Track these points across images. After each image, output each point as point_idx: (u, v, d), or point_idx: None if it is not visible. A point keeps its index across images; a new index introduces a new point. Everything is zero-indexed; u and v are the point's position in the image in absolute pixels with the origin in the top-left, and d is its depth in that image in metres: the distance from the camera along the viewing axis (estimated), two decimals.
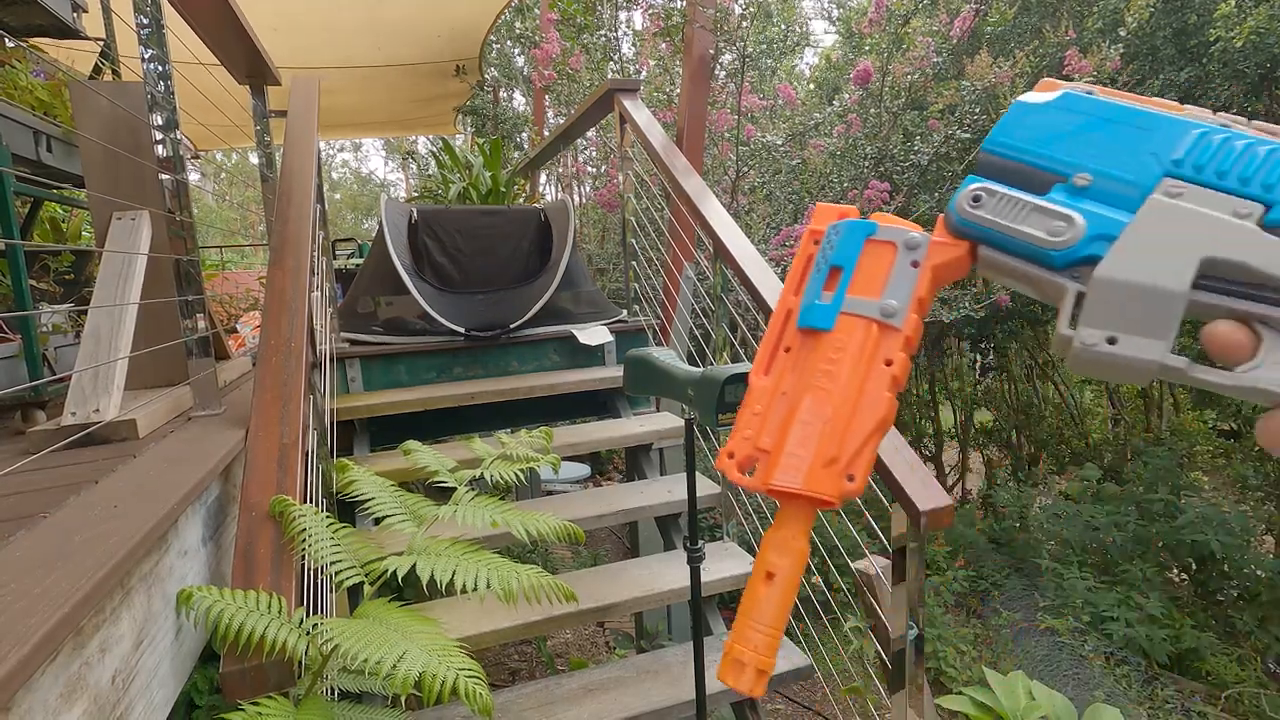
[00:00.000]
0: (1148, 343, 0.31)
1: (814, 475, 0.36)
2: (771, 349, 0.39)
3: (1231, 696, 3.11)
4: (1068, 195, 0.34)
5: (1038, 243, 0.34)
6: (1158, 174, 0.33)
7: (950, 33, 4.10)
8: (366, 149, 26.13)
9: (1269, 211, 0.31)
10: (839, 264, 0.38)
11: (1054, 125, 0.35)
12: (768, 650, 0.35)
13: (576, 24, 5.00)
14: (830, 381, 0.37)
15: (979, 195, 0.35)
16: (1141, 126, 0.34)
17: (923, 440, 6.00)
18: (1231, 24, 3.51)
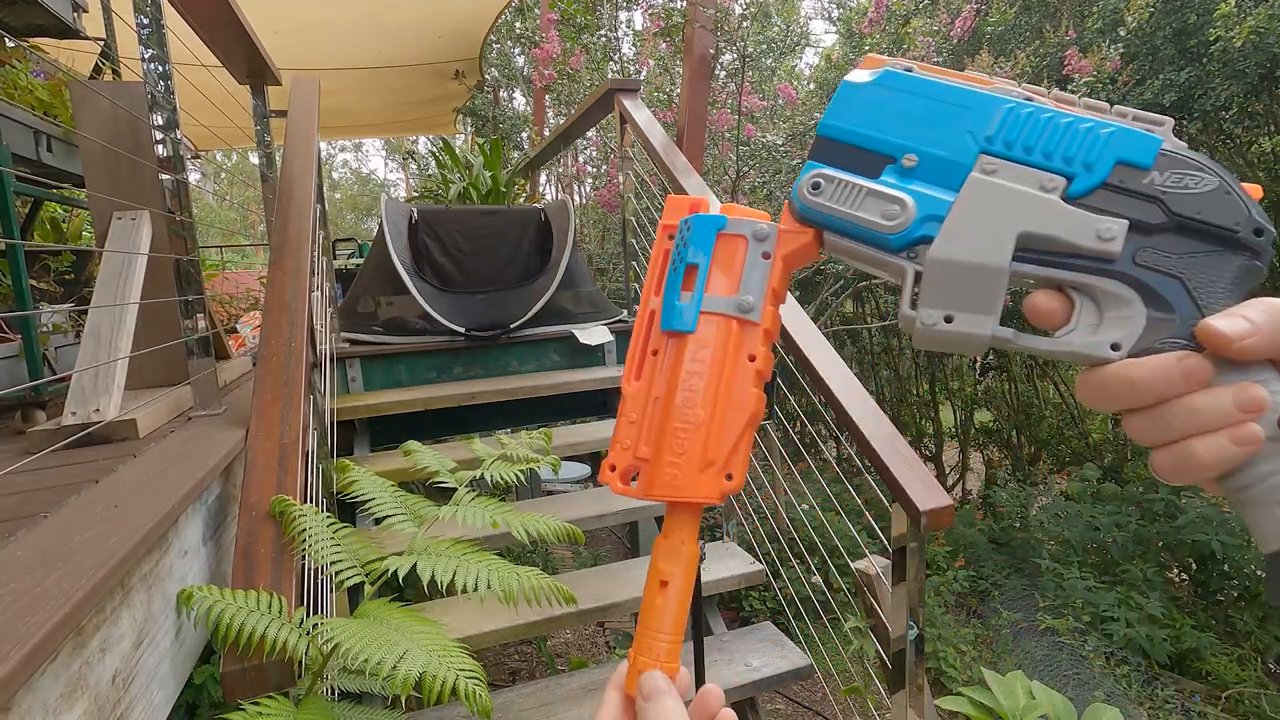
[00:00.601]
0: (978, 318, 0.33)
1: (694, 480, 0.36)
2: (640, 353, 0.39)
3: (1232, 696, 3.10)
4: (898, 176, 0.35)
5: (875, 227, 0.35)
6: (975, 151, 0.34)
7: (951, 32, 4.10)
8: (367, 149, 26.14)
9: (1070, 184, 0.33)
10: (694, 262, 0.38)
11: (879, 105, 0.36)
12: (670, 656, 0.36)
13: (576, 24, 5.00)
14: (698, 382, 0.36)
15: (818, 182, 0.36)
16: (957, 104, 0.35)
17: (923, 440, 6.00)
18: (1231, 24, 3.51)
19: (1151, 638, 3.29)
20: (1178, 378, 0.30)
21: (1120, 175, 0.32)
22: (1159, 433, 0.31)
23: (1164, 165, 0.32)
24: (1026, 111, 0.34)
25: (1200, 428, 0.30)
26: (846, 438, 4.08)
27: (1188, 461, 0.30)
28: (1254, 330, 0.29)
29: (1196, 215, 0.32)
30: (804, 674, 1.91)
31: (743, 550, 2.27)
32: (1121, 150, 0.32)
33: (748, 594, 3.53)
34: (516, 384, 2.67)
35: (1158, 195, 0.32)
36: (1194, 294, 0.31)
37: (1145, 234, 0.32)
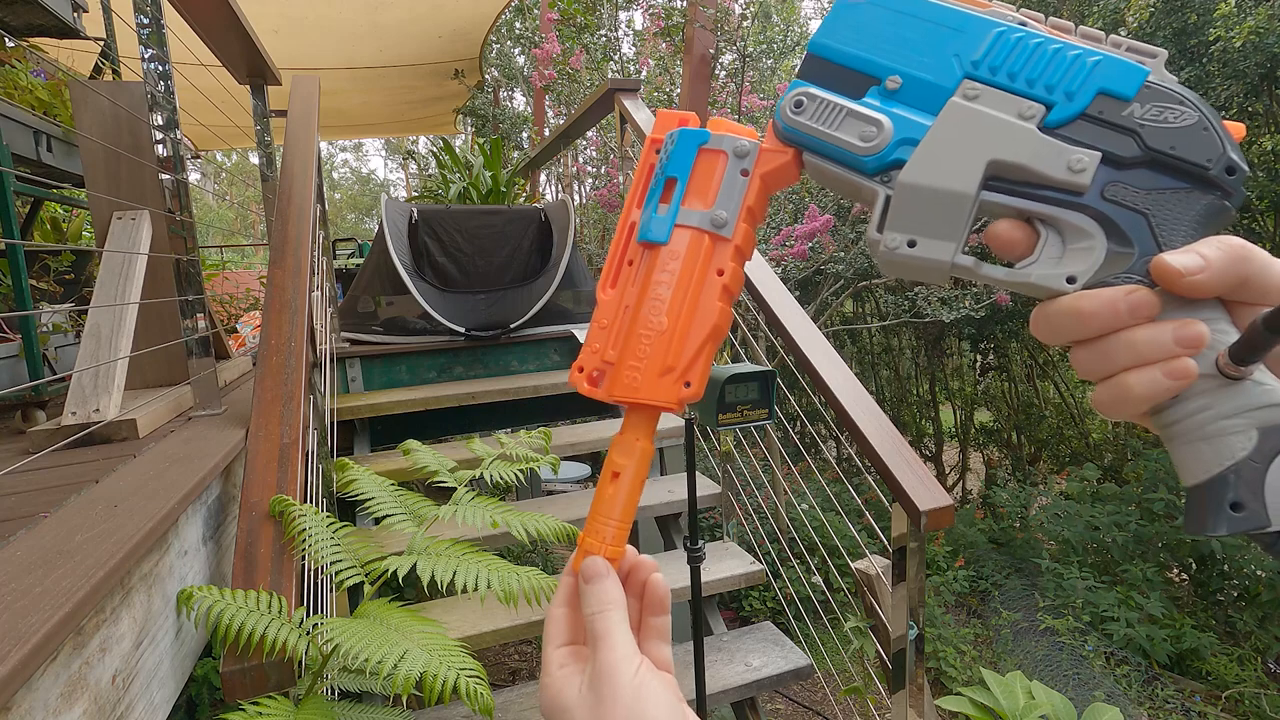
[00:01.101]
0: (940, 244, 0.33)
1: (652, 384, 0.37)
2: (617, 263, 0.39)
3: (1231, 696, 3.10)
4: (880, 98, 0.35)
5: (852, 149, 0.34)
6: (959, 75, 0.33)
7: None
8: (367, 149, 26.16)
9: (1049, 112, 0.32)
10: (674, 174, 0.38)
11: (871, 24, 0.35)
12: (617, 541, 0.37)
13: (576, 24, 5.00)
14: (665, 292, 0.37)
15: (801, 101, 0.35)
16: (950, 25, 0.34)
17: (923, 440, 6.00)
18: (1231, 24, 3.51)
19: (1151, 638, 3.30)
20: (1123, 311, 0.30)
21: (1101, 106, 0.32)
22: (1100, 365, 0.31)
23: (1146, 97, 0.32)
24: (1016, 36, 0.33)
25: (1138, 360, 0.30)
26: (846, 438, 4.08)
27: (1123, 393, 0.30)
28: (1204, 266, 0.29)
29: (1170, 150, 0.31)
30: (804, 674, 1.91)
31: (743, 550, 2.27)
32: (1105, 80, 0.32)
33: (748, 594, 3.53)
34: (516, 384, 2.67)
35: (1135, 128, 0.31)
36: (1156, 231, 0.31)
37: (1117, 167, 0.32)
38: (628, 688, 0.33)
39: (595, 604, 0.36)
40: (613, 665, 0.34)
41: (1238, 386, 0.29)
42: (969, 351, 6.02)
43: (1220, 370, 0.29)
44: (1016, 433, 5.75)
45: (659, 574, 0.40)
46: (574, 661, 0.36)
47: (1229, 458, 0.29)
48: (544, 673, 0.37)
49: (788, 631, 2.19)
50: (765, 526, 3.31)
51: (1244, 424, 0.29)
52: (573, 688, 0.35)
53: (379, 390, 2.76)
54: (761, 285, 2.08)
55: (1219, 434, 0.29)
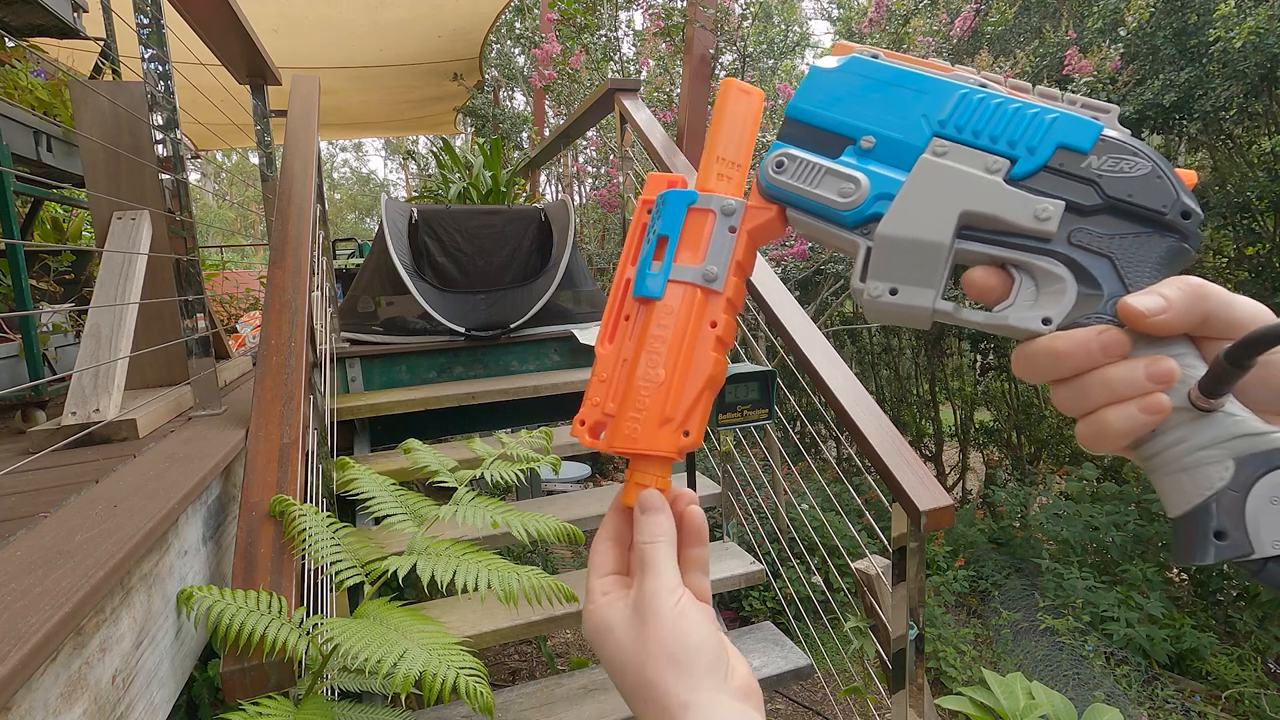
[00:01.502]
0: (921, 291, 0.35)
1: (651, 435, 0.38)
2: (614, 318, 0.41)
3: (1231, 696, 3.10)
4: (856, 157, 0.37)
5: (831, 204, 0.37)
6: (928, 134, 0.36)
7: (951, 32, 4.10)
8: (367, 149, 26.16)
9: (1014, 166, 0.35)
10: (665, 233, 0.40)
11: (844, 89, 0.38)
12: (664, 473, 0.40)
13: (576, 24, 5.00)
14: (662, 346, 0.39)
15: (782, 161, 0.38)
16: (915, 89, 0.37)
17: (923, 440, 6.00)
18: (1231, 24, 3.51)
19: (1151, 638, 3.29)
20: (1096, 350, 0.32)
21: (1060, 159, 0.34)
22: (1079, 402, 0.33)
23: (1102, 150, 0.34)
24: (979, 97, 0.36)
25: (1114, 397, 0.31)
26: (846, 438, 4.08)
27: (1102, 429, 0.32)
28: (1167, 306, 0.31)
29: (1128, 198, 0.33)
30: (804, 674, 1.91)
31: (743, 550, 2.27)
32: (1063, 135, 0.34)
33: (748, 594, 3.53)
34: (517, 384, 2.67)
35: (1094, 178, 0.34)
36: (1122, 272, 0.33)
37: (1081, 215, 0.34)
38: (671, 612, 0.35)
39: (648, 534, 0.38)
40: (657, 591, 0.36)
41: (1211, 418, 0.30)
42: (969, 351, 6.02)
43: (1193, 403, 0.31)
44: (1016, 433, 5.75)
45: (696, 505, 0.41)
46: (617, 589, 0.38)
47: (1208, 488, 0.30)
48: (587, 599, 0.39)
49: (788, 631, 2.19)
50: (765, 526, 3.31)
51: (1220, 454, 0.30)
52: (617, 611, 0.37)
53: (379, 390, 2.76)
54: (761, 285, 2.08)
55: (1196, 465, 0.31)
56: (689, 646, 0.34)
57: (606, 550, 0.40)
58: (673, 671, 0.33)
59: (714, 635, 0.35)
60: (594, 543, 0.41)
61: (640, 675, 0.34)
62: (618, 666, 0.35)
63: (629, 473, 0.40)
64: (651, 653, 0.34)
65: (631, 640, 0.35)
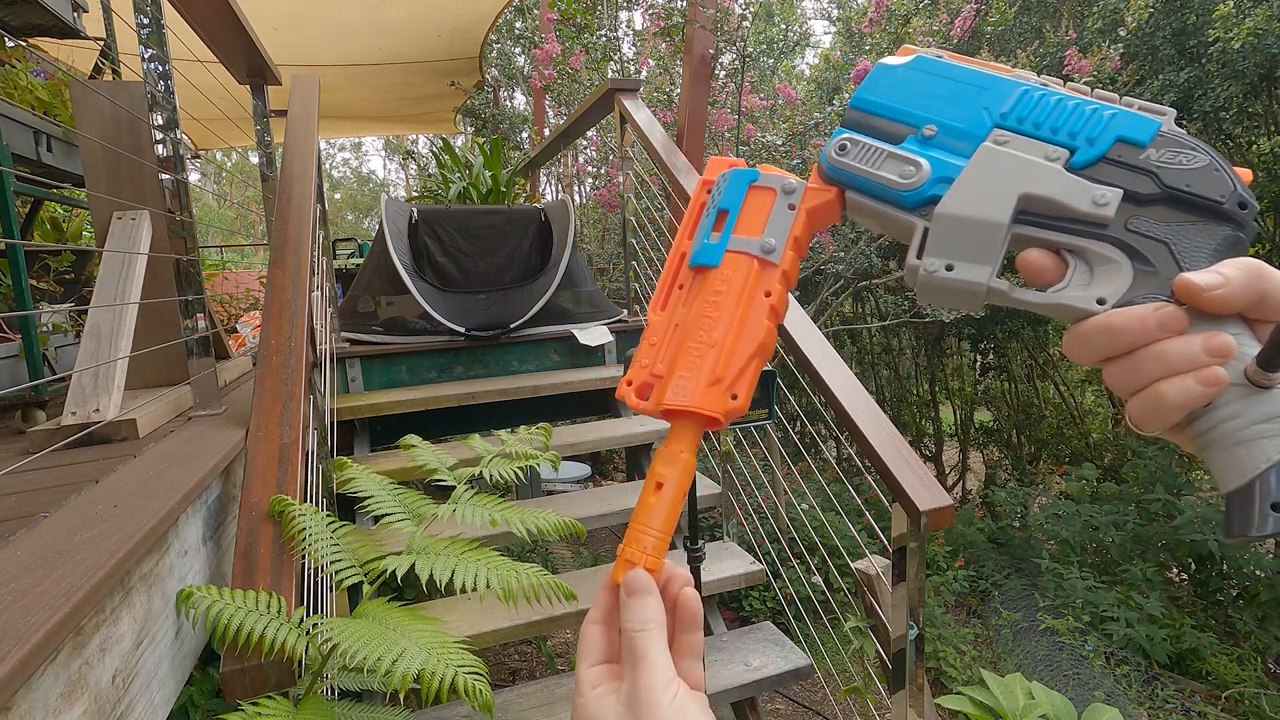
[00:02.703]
0: (977, 268, 0.36)
1: (701, 394, 0.39)
2: (668, 287, 0.42)
3: (1231, 696, 3.10)
4: (918, 144, 0.38)
5: (891, 184, 0.38)
6: (989, 125, 0.37)
7: (951, 32, 4.10)
8: (366, 148, 26.16)
9: (1073, 155, 0.36)
10: (726, 207, 0.41)
11: (908, 84, 0.40)
12: (656, 552, 0.38)
13: (576, 24, 5.00)
14: (716, 310, 0.40)
15: (845, 145, 0.39)
16: (978, 85, 0.38)
17: (923, 440, 6.00)
18: (1230, 25, 3.51)
19: (1151, 638, 3.29)
20: (1153, 325, 0.32)
21: (1119, 151, 0.35)
22: (1133, 378, 0.33)
23: (1160, 144, 0.35)
24: (1039, 93, 0.37)
25: (1169, 371, 0.31)
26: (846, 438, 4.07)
27: (1157, 403, 0.32)
28: (1225, 282, 0.31)
29: (1186, 188, 0.34)
30: (804, 674, 1.91)
31: (743, 550, 2.27)
32: (1122, 129, 0.35)
33: (748, 594, 3.53)
34: (517, 384, 2.67)
35: (1152, 169, 0.34)
36: (1178, 257, 0.33)
37: (1138, 204, 0.35)
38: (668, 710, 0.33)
39: (636, 621, 0.36)
40: (651, 689, 0.34)
41: (1267, 394, 0.31)
42: (969, 351, 6.02)
43: (1249, 379, 0.31)
44: (1016, 432, 5.75)
45: (691, 588, 0.39)
46: (608, 680, 0.37)
47: (1265, 460, 0.30)
48: (577, 693, 0.37)
49: (788, 631, 2.19)
50: (765, 526, 3.31)
51: (1277, 428, 0.30)
52: (608, 707, 0.35)
53: (379, 390, 2.76)
54: None
55: (1253, 439, 0.31)
56: None
57: (596, 635, 0.39)
58: None
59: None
60: (583, 626, 0.39)
61: None
62: None
63: (621, 548, 0.39)
64: None
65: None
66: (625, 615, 0.37)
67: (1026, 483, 5.14)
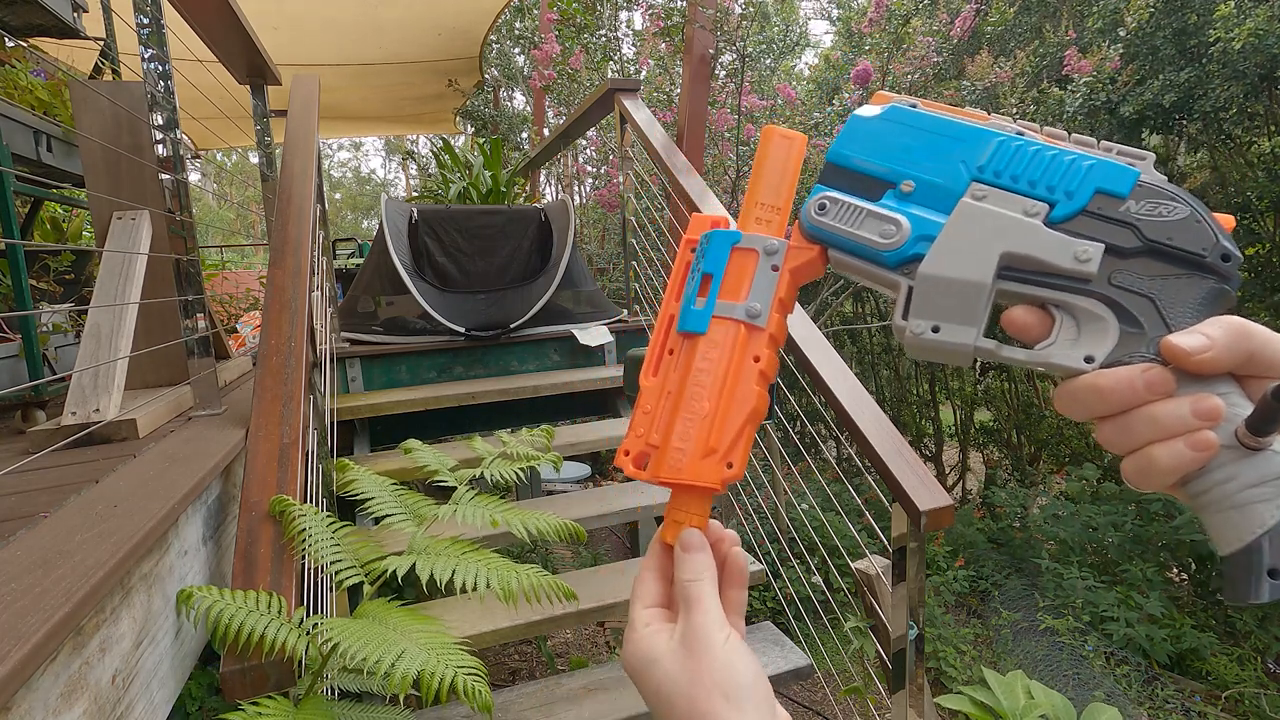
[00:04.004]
0: (963, 329, 0.36)
1: (695, 466, 0.39)
2: (658, 352, 0.42)
3: (1231, 696, 3.10)
4: (896, 200, 0.38)
5: (873, 245, 0.38)
6: (966, 179, 0.37)
7: (950, 32, 4.10)
8: (367, 148, 26.16)
9: (1052, 209, 0.36)
10: (709, 271, 0.41)
11: (883, 137, 0.39)
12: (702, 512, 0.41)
13: (576, 24, 5.00)
14: (706, 379, 0.40)
15: (824, 204, 0.39)
16: (953, 136, 0.38)
17: (923, 440, 5.99)
18: (1231, 25, 3.51)
19: (1151, 637, 3.29)
20: (1140, 387, 0.32)
21: (1099, 203, 0.35)
22: (1124, 439, 0.33)
23: (1140, 195, 0.35)
24: (1016, 144, 0.37)
25: (1161, 434, 0.32)
26: (846, 438, 4.07)
27: (1149, 466, 0.32)
28: (1210, 344, 0.31)
29: (1168, 241, 0.34)
30: (804, 674, 1.91)
31: (742, 550, 2.27)
32: (1101, 180, 0.35)
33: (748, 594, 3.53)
34: (516, 384, 2.66)
35: (1133, 222, 0.34)
36: (1164, 313, 0.34)
37: (1121, 257, 0.35)
38: (722, 648, 0.35)
39: (691, 572, 0.38)
40: (706, 627, 0.36)
41: (1260, 456, 0.31)
42: None
43: (1240, 442, 0.31)
44: (1016, 433, 5.75)
45: (739, 548, 0.42)
46: (660, 621, 0.39)
47: (1260, 525, 0.30)
48: (630, 629, 0.39)
49: (788, 631, 2.19)
50: (765, 526, 3.31)
51: (1271, 492, 0.30)
52: (662, 642, 0.37)
53: (379, 390, 2.76)
54: None
55: (1247, 503, 0.31)
56: (741, 684, 0.34)
57: (650, 580, 0.41)
58: (725, 706, 0.34)
59: (762, 674, 0.35)
60: (639, 573, 0.41)
61: (691, 707, 0.34)
62: (665, 698, 0.35)
63: (668, 509, 0.41)
64: (705, 685, 0.34)
65: (680, 672, 0.35)
66: (680, 567, 0.39)
67: (1026, 483, 5.14)
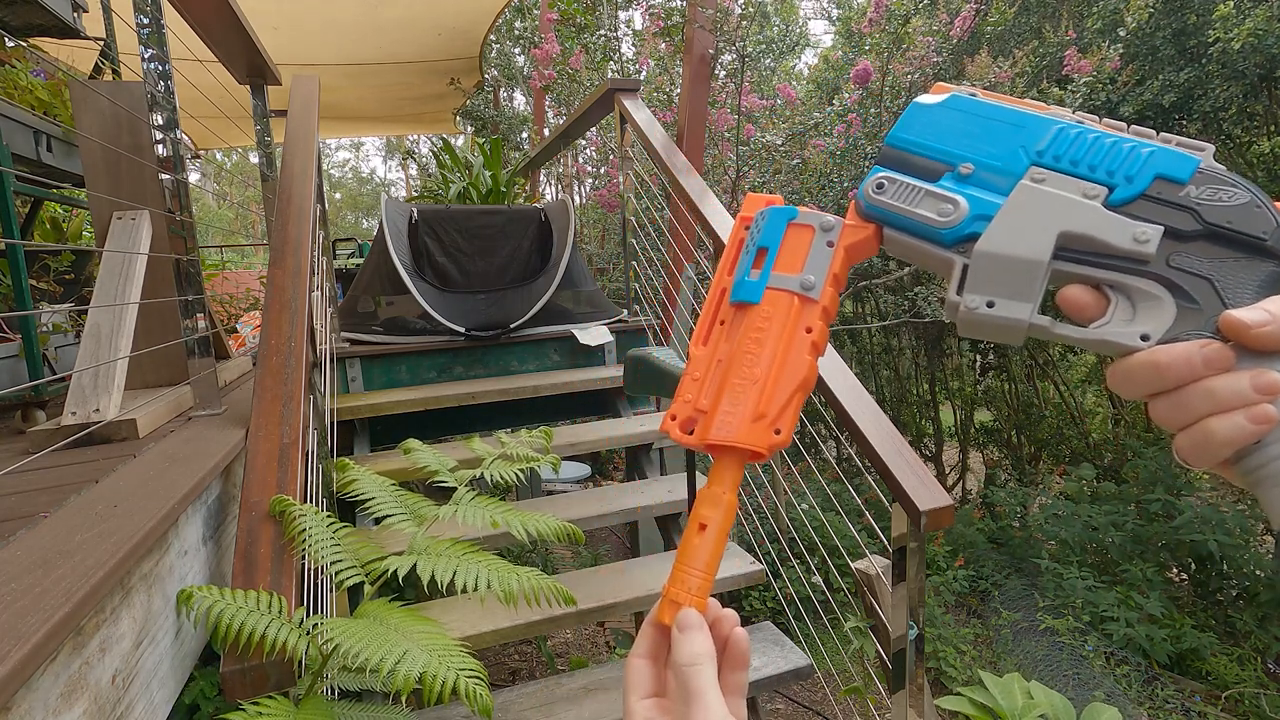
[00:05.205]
0: (1018, 305, 0.36)
1: (745, 429, 0.39)
2: (709, 322, 0.43)
3: (1231, 696, 3.10)
4: (955, 182, 0.39)
5: (930, 223, 0.38)
6: (1026, 163, 0.37)
7: (950, 32, 4.10)
8: (367, 148, 26.16)
9: (1111, 193, 0.36)
10: (765, 244, 0.42)
11: (944, 122, 0.40)
12: (701, 592, 0.39)
13: (576, 24, 5.00)
14: (758, 347, 0.40)
15: (882, 183, 0.40)
16: (1014, 123, 0.38)
17: (923, 440, 5.99)
18: (1230, 25, 3.51)
19: (1151, 637, 3.29)
20: (1199, 362, 0.32)
21: (1158, 188, 0.35)
22: (1180, 414, 0.33)
23: (1200, 181, 0.34)
24: (1075, 131, 0.37)
25: (1218, 408, 0.31)
26: (846, 438, 4.07)
27: (1206, 439, 0.32)
28: (1271, 319, 0.31)
29: (1227, 224, 0.34)
30: (804, 674, 1.91)
31: (743, 550, 2.27)
32: (1161, 166, 0.35)
33: (747, 594, 3.53)
34: (516, 384, 2.66)
35: (1192, 206, 0.34)
36: (1222, 293, 0.33)
37: (1179, 240, 0.34)
38: None
39: (688, 656, 0.37)
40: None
41: None
42: (969, 351, 6.02)
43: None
44: (1016, 432, 5.75)
45: (741, 628, 0.41)
46: (659, 714, 0.38)
47: None
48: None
49: (788, 631, 2.19)
50: (765, 526, 3.31)
51: None
52: None
53: (379, 390, 2.76)
54: None
55: None
56: None
57: (643, 669, 0.39)
58: None
59: None
60: (629, 659, 0.40)
61: None
62: None
63: (666, 588, 0.40)
64: None
65: None
66: (677, 650, 0.37)
67: (1026, 483, 5.14)
